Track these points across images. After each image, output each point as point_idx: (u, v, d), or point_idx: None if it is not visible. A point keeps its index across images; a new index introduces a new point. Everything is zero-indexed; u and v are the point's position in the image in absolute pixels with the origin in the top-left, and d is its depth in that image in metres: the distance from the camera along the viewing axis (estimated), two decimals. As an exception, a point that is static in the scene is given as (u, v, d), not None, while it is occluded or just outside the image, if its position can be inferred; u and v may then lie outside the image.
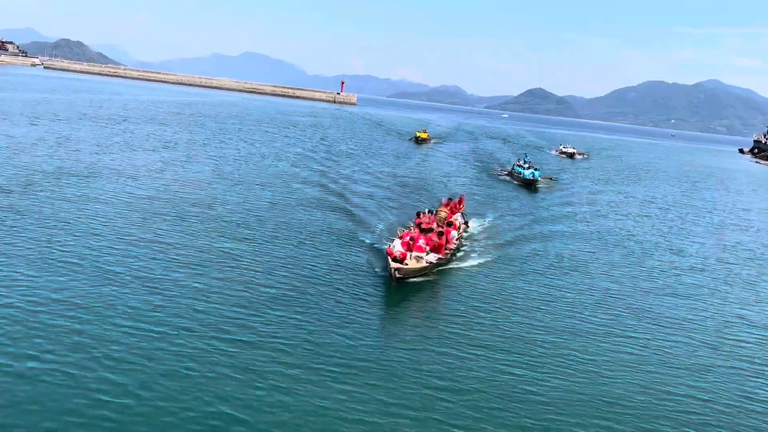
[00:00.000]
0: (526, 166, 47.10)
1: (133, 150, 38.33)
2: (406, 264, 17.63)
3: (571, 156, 78.25)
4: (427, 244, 18.82)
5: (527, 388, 12.62)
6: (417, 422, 10.78)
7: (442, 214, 23.20)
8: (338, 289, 17.06)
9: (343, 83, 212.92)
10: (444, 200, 27.08)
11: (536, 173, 44.93)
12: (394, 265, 17.35)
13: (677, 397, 13.12)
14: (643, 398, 12.88)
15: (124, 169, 31.08)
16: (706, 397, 13.26)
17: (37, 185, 24.93)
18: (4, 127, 41.65)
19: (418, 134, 73.52)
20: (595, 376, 13.61)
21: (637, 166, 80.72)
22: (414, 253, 18.44)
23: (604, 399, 12.63)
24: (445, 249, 19.79)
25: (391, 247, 18.81)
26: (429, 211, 23.35)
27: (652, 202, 44.10)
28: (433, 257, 18.78)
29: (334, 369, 12.24)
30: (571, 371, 13.73)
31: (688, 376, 14.30)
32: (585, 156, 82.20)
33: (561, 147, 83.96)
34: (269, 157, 42.53)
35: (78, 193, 24.36)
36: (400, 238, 19.46)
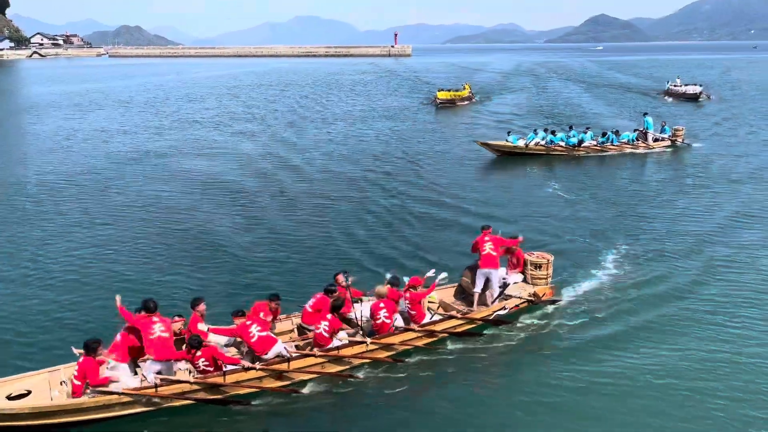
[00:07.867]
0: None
1: (186, 129, 38.81)
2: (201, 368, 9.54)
3: (694, 98, 51.89)
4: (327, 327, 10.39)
5: None
6: None
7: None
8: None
9: (396, 35, 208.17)
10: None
11: (579, 136, 29.09)
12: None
13: None
14: None
15: (187, 148, 31.58)
16: None
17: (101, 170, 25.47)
18: (88, 118, 43.33)
19: (438, 93, 50.88)
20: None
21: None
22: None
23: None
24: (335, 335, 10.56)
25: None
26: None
27: None
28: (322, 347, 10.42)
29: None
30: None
31: None
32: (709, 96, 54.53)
33: (669, 85, 57.31)
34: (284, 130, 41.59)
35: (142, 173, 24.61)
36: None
